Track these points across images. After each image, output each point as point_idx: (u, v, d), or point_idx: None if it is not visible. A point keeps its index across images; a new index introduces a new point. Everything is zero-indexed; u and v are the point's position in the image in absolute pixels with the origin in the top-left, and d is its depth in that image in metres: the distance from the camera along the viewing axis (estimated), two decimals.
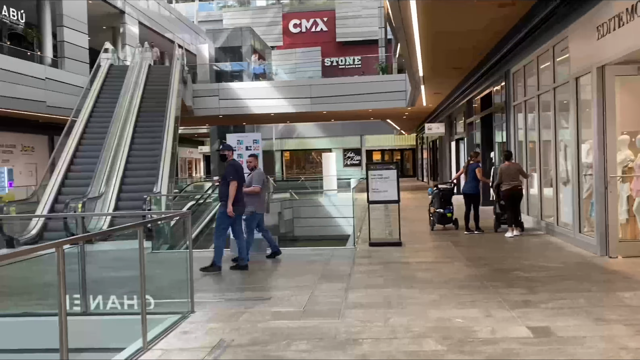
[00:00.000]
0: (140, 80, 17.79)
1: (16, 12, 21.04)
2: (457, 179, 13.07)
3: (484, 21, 9.28)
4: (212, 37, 34.55)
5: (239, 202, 7.44)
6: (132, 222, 4.63)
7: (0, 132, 20.90)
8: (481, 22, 9.33)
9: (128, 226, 4.75)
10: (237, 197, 7.38)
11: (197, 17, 41.32)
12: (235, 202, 7.34)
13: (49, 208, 12.26)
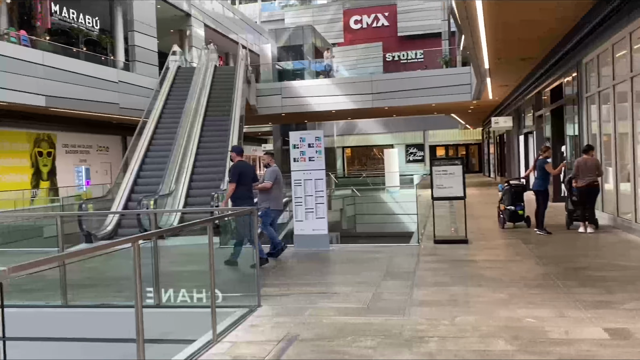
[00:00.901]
0: (206, 81, 18.32)
1: (91, 19, 22.22)
2: (527, 175, 12.62)
3: (554, 8, 8.89)
4: (275, 36, 35.03)
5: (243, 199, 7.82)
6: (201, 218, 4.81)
7: (78, 134, 22.18)
8: (551, 9, 8.94)
9: (198, 222, 4.91)
10: (240, 194, 7.84)
11: (260, 17, 42.06)
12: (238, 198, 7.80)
13: (123, 205, 12.86)
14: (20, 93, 16.14)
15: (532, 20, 9.59)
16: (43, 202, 20.12)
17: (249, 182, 8.09)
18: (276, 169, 8.55)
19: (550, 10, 8.99)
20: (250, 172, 8.22)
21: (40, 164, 20.53)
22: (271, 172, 8.41)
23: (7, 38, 17.64)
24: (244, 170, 8.08)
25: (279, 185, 8.41)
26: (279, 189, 8.44)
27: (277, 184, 8.38)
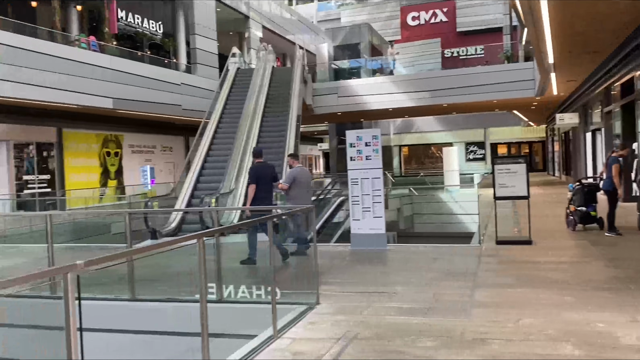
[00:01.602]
0: (264, 82, 18.61)
1: (155, 24, 23.05)
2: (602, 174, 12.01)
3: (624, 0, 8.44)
4: (331, 35, 35.16)
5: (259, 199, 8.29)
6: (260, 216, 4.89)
7: (143, 134, 23.09)
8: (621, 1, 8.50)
9: (258, 220, 5.00)
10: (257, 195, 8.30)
11: (317, 17, 42.28)
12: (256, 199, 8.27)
13: (186, 203, 13.27)
14: (89, 96, 16.97)
15: (601, 13, 9.15)
16: (111, 200, 21.09)
17: (267, 183, 8.46)
18: (297, 170, 8.79)
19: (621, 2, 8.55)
20: (268, 174, 8.56)
21: (108, 164, 21.51)
22: (289, 174, 8.75)
23: (78, 44, 18.59)
24: (261, 173, 8.48)
25: (298, 186, 8.61)
26: (299, 189, 8.63)
27: (296, 185, 8.59)
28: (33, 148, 18.33)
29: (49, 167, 18.87)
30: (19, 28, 16.12)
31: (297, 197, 8.59)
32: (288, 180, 8.62)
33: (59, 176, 19.06)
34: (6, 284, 2.61)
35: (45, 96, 15.54)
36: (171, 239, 3.95)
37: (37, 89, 15.17)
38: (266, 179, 8.49)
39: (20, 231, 12.92)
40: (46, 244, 7.03)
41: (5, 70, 14.29)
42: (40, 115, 17.54)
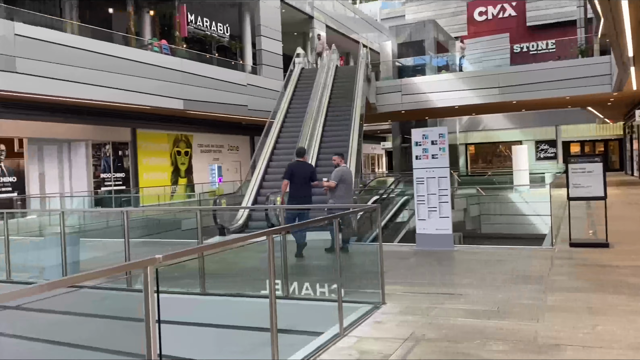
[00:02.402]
0: (328, 82, 18.71)
1: (222, 27, 23.70)
2: None
3: None
4: (395, 33, 34.81)
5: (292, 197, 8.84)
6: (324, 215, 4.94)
7: (211, 134, 23.82)
8: None
9: (325, 218, 5.05)
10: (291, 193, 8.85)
11: (380, 14, 42.01)
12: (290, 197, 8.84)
13: (252, 201, 13.57)
14: (161, 97, 17.69)
15: None
16: (181, 197, 21.90)
17: (300, 181, 8.86)
18: (343, 169, 9.02)
19: None
20: (303, 172, 8.96)
21: (179, 163, 22.35)
22: (336, 172, 8.94)
23: (151, 48, 19.42)
24: (295, 170, 8.96)
25: (344, 185, 8.81)
26: (345, 188, 8.82)
27: (343, 184, 8.79)
28: (109, 147, 19.33)
29: (123, 166, 19.84)
30: (96, 34, 17.05)
31: (342, 196, 8.78)
32: (336, 179, 8.81)
33: (133, 174, 20.00)
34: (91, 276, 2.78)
35: (121, 98, 16.34)
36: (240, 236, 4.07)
37: (112, 91, 15.98)
38: (301, 177, 8.89)
39: (98, 226, 13.66)
40: (121, 239, 7.41)
41: (83, 73, 15.15)
42: (116, 116, 18.47)
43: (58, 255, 7.07)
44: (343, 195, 8.81)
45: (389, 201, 15.66)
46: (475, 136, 40.49)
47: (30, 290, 2.29)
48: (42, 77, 14.12)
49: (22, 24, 14.26)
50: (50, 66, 14.29)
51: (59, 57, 14.56)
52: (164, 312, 2.88)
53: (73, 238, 7.68)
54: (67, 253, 7.08)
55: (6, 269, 7.44)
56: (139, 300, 3.08)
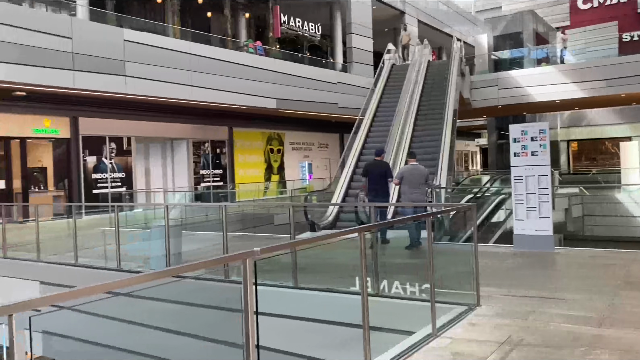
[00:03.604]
0: (419, 77, 18.39)
1: (314, 26, 24.05)
2: None
3: None
4: (490, 25, 33.58)
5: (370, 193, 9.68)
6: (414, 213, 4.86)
7: (303, 132, 24.29)
8: None
9: (417, 216, 4.98)
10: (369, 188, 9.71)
11: (475, 7, 40.62)
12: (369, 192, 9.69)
13: (341, 198, 13.66)
14: (256, 97, 18.29)
15: None
16: (274, 193, 22.55)
17: (376, 179, 9.64)
18: (406, 167, 9.62)
19: None
20: (377, 170, 9.71)
21: (272, 160, 23.01)
22: (399, 171, 9.82)
23: (246, 49, 20.12)
24: (370, 169, 9.84)
25: (406, 183, 9.29)
26: (407, 186, 9.28)
27: (405, 182, 9.30)
28: (208, 146, 20.30)
29: (221, 163, 20.75)
30: (196, 37, 17.95)
31: (405, 192, 9.34)
32: (398, 177, 9.55)
33: (229, 171, 20.88)
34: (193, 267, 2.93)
35: (218, 98, 17.10)
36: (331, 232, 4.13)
37: (211, 92, 16.76)
38: (376, 175, 9.66)
39: (197, 220, 14.38)
40: (219, 232, 7.76)
41: (184, 75, 16.01)
42: (215, 115, 19.36)
43: (162, 247, 7.54)
44: (404, 192, 9.32)
45: (483, 200, 15.11)
46: (578, 132, 37.98)
47: (139, 278, 2.47)
48: (148, 79, 15.10)
49: (130, 30, 15.33)
50: (154, 69, 15.25)
51: (162, 60, 15.50)
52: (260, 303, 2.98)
53: (176, 230, 8.14)
54: (171, 244, 7.54)
55: (117, 258, 8.05)
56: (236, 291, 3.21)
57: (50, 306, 2.14)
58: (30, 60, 12.65)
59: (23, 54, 12.48)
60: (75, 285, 2.29)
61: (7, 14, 12.48)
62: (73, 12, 14.99)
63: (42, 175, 16.02)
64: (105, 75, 14.13)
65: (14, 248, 9.61)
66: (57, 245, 9.46)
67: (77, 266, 8.48)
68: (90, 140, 16.28)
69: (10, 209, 12.59)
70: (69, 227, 9.58)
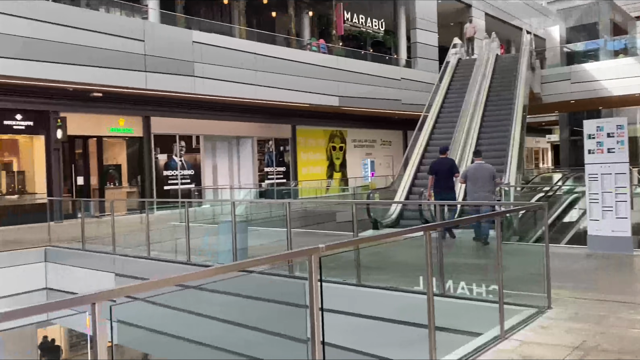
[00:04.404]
0: (487, 72, 17.86)
1: (377, 22, 23.90)
2: None
3: None
4: (563, 16, 32.07)
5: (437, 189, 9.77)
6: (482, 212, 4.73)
7: (365, 129, 24.21)
8: None
9: (486, 215, 4.84)
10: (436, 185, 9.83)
11: None
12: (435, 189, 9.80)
13: (405, 196, 13.51)
14: (319, 95, 18.41)
15: None
16: (336, 191, 22.62)
17: (442, 176, 9.81)
18: (472, 166, 9.61)
19: None
20: (445, 168, 9.85)
21: (334, 157, 23.09)
22: (464, 170, 9.92)
23: (310, 47, 20.27)
24: (436, 166, 10.01)
25: (471, 181, 9.31)
26: (472, 184, 9.28)
27: (469, 180, 9.34)
28: (272, 143, 20.65)
29: (284, 160, 21.05)
30: (261, 37, 18.28)
31: (470, 191, 9.34)
32: (463, 176, 9.62)
33: (292, 168, 21.14)
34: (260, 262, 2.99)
35: (282, 97, 17.34)
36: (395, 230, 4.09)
37: (275, 90, 17.03)
38: (443, 172, 9.82)
39: (261, 216, 14.67)
40: (282, 228, 7.87)
41: (249, 75, 16.35)
42: (278, 114, 19.65)
43: (229, 242, 7.74)
44: (470, 190, 9.35)
45: (555, 199, 14.49)
46: None
47: (208, 272, 2.54)
48: (215, 79, 15.54)
49: (199, 31, 15.82)
50: (221, 69, 15.67)
51: (228, 61, 15.90)
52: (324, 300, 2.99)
53: (242, 226, 8.34)
54: (237, 240, 7.73)
55: (186, 252, 8.35)
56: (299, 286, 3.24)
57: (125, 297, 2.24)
58: (106, 62, 13.32)
59: (100, 57, 13.16)
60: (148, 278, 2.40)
61: (84, 19, 13.20)
62: (145, 15, 15.64)
63: (117, 172, 16.87)
64: (175, 76, 14.67)
65: (91, 241, 10.16)
66: (131, 239, 9.92)
67: (149, 259, 8.86)
68: (162, 138, 16.95)
69: (88, 204, 13.34)
70: (142, 222, 10.04)
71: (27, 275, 9.73)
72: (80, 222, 10.50)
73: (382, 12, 23.85)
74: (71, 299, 1.85)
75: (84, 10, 13.84)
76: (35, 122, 14.10)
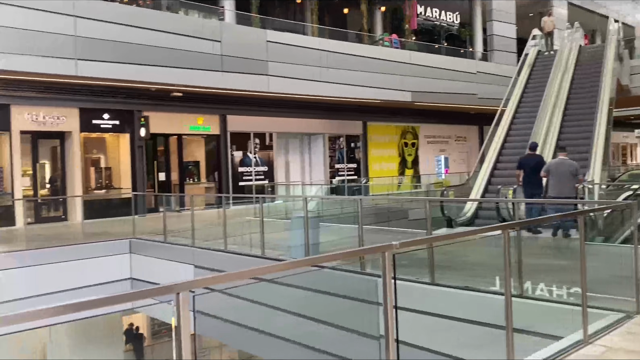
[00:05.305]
0: (569, 64, 16.97)
1: (452, 15, 23.33)
2: None
3: None
4: None
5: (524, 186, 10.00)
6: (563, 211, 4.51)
7: (438, 125, 23.73)
8: None
9: (569, 214, 4.63)
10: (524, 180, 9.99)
11: None
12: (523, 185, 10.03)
13: (481, 193, 13.11)
14: (391, 91, 18.25)
15: None
16: (408, 188, 22.34)
17: (529, 172, 9.86)
18: (553, 161, 9.68)
19: None
20: (532, 164, 9.95)
21: (406, 154, 22.81)
22: (546, 165, 9.72)
23: (381, 43, 20.13)
24: (523, 162, 10.20)
25: (553, 176, 9.28)
26: (554, 179, 9.25)
27: (551, 175, 9.31)
28: (343, 140, 20.71)
29: (355, 157, 21.05)
30: (332, 34, 18.36)
31: (552, 186, 9.31)
32: (545, 170, 9.57)
33: (363, 165, 21.11)
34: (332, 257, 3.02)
35: (353, 93, 17.36)
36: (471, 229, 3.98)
37: (346, 87, 17.06)
38: (530, 168, 9.90)
39: (333, 212, 14.76)
40: (353, 224, 7.88)
41: (320, 72, 16.48)
42: (350, 110, 19.67)
43: (302, 237, 7.86)
44: (551, 185, 9.31)
45: None
46: None
47: (284, 265, 2.60)
48: (288, 77, 15.80)
49: (272, 30, 16.14)
50: (293, 67, 15.91)
51: (300, 59, 16.12)
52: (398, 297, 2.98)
53: (314, 221, 8.44)
54: (309, 235, 7.83)
55: (261, 246, 8.56)
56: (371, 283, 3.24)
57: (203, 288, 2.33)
58: (186, 63, 13.89)
59: (179, 58, 13.74)
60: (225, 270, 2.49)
61: (165, 22, 13.82)
62: (222, 16, 16.15)
63: (195, 168, 17.57)
64: (250, 75, 15.05)
65: (172, 234, 10.65)
66: (208, 233, 10.30)
67: (225, 252, 9.17)
68: (237, 136, 17.46)
69: (169, 199, 13.99)
70: (219, 216, 10.39)
71: (113, 266, 10.36)
72: (161, 216, 11.04)
73: (457, 5, 23.25)
74: (156, 288, 1.95)
75: (164, 14, 14.50)
76: (120, 121, 14.94)
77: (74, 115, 14.05)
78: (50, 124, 13.69)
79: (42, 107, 13.47)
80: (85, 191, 14.48)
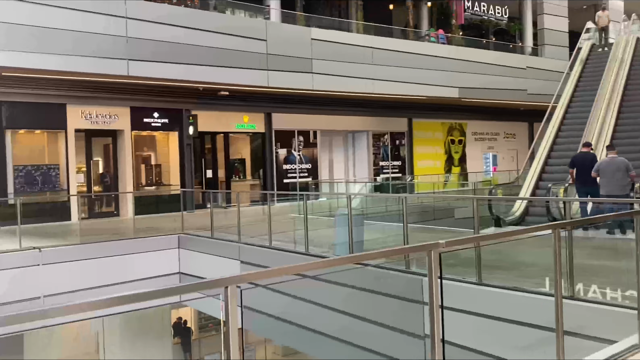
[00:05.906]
0: (625, 58, 16.26)
1: (500, 9, 22.76)
2: None
3: None
4: None
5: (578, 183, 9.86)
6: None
7: (486, 122, 23.22)
8: None
9: (625, 214, 4.45)
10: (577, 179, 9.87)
11: None
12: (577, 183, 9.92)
13: (530, 192, 12.76)
14: (437, 87, 17.98)
15: None
16: (454, 186, 21.98)
17: (582, 170, 9.72)
18: (604, 160, 9.52)
19: None
20: (585, 162, 9.80)
21: (452, 151, 22.43)
22: (596, 164, 9.54)
23: (428, 38, 19.85)
24: (576, 160, 10.12)
25: (603, 175, 9.22)
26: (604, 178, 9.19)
27: (602, 174, 9.24)
28: (387, 137, 20.57)
29: (400, 154, 20.87)
30: (378, 30, 18.23)
31: (602, 185, 9.23)
32: (595, 170, 9.45)
33: (408, 162, 20.90)
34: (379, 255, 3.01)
35: (398, 90, 17.19)
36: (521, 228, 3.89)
37: (391, 84, 16.92)
38: (584, 166, 9.76)
39: (377, 210, 14.69)
40: (397, 223, 7.80)
41: (365, 69, 16.40)
42: (394, 107, 19.51)
43: (345, 234, 7.86)
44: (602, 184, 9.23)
45: None
46: None
47: (328, 262, 2.62)
48: (332, 75, 15.81)
49: (317, 28, 16.18)
50: (338, 65, 15.90)
51: (345, 56, 16.09)
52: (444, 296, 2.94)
53: (358, 219, 8.42)
54: (353, 232, 7.82)
55: (305, 243, 8.62)
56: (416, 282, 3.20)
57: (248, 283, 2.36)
58: (232, 62, 14.12)
59: (226, 57, 13.98)
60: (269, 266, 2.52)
61: (213, 22, 14.07)
62: (267, 15, 16.31)
63: (241, 165, 17.84)
64: (294, 74, 15.15)
65: (219, 230, 10.85)
66: (254, 229, 10.44)
67: (270, 248, 9.28)
68: (281, 134, 17.62)
69: (216, 195, 14.25)
70: (264, 213, 10.51)
71: (163, 260, 10.66)
72: (209, 212, 11.26)
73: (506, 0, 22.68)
74: (205, 281, 1.99)
75: (212, 14, 14.77)
76: (170, 119, 15.34)
77: (126, 114, 14.52)
78: (102, 122, 14.20)
79: (95, 107, 13.99)
80: (136, 187, 14.94)
